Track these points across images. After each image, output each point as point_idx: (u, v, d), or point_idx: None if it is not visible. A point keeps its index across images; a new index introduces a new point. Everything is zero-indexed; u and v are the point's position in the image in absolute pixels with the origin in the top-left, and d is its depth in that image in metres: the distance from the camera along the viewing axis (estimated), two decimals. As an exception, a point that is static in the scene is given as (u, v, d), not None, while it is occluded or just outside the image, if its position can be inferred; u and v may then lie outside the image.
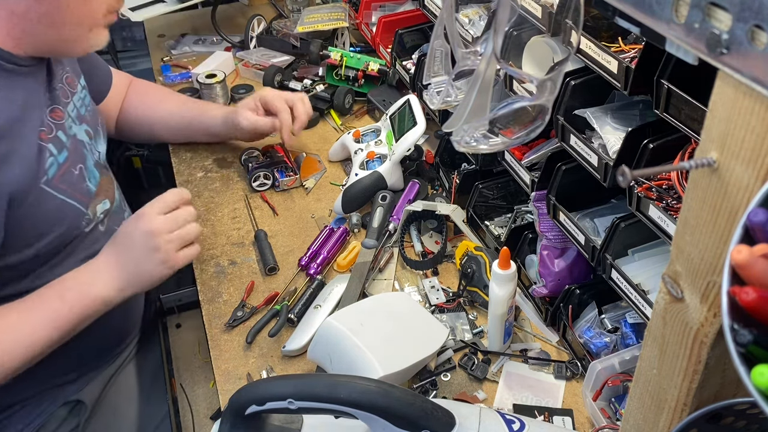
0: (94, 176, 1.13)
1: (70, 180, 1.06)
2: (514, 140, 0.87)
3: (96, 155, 1.17)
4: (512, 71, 0.90)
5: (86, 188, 1.10)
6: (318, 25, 1.70)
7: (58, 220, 1.04)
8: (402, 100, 1.39)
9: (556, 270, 1.05)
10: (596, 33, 0.82)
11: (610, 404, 0.95)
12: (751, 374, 0.38)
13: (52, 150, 1.03)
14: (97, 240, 1.12)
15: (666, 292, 0.52)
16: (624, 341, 0.97)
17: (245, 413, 0.75)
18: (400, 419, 0.70)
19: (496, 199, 1.26)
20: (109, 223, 1.16)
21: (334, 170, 1.47)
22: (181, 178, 1.45)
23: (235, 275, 1.22)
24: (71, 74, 1.16)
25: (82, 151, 1.11)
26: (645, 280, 0.87)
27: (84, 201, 1.08)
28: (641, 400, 0.59)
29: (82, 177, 1.09)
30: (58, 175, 1.03)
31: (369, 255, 1.19)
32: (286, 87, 1.67)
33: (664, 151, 0.79)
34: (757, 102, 0.40)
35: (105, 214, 1.15)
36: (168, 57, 1.87)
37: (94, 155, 1.16)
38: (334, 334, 0.94)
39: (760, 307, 0.38)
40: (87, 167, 1.11)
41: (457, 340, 1.08)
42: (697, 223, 0.47)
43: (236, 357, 1.07)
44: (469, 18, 1.11)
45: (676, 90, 0.71)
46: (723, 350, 0.49)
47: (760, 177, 0.41)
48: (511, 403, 0.99)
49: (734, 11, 0.39)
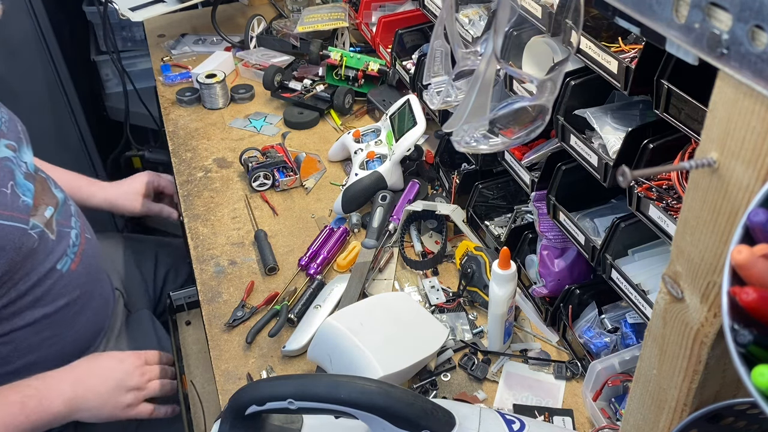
0: (28, 189, 1.11)
1: (4, 201, 1.04)
2: (514, 140, 0.86)
3: (23, 167, 1.14)
4: (512, 71, 0.90)
5: (23, 204, 1.08)
6: (318, 25, 1.70)
7: (1, 247, 1.01)
8: (402, 100, 1.39)
9: (556, 270, 1.05)
10: (596, 33, 0.82)
11: (610, 404, 0.95)
12: (751, 374, 0.38)
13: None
14: (52, 250, 1.11)
15: (666, 292, 0.52)
16: (624, 341, 0.97)
17: (245, 413, 0.75)
18: (400, 419, 0.70)
19: (496, 199, 1.26)
20: (58, 226, 1.15)
21: (334, 170, 1.47)
22: (181, 178, 1.45)
23: (235, 275, 1.22)
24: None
25: (9, 168, 1.09)
26: (645, 280, 0.87)
27: (23, 218, 1.06)
28: (641, 400, 0.59)
29: (15, 194, 1.07)
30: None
31: (369, 255, 1.19)
32: (287, 87, 1.67)
33: (664, 151, 0.79)
34: (757, 102, 0.40)
35: (51, 219, 1.13)
36: (168, 57, 1.87)
37: (22, 168, 1.13)
38: (334, 334, 0.94)
39: (760, 307, 0.38)
40: (17, 183, 1.09)
41: (457, 340, 1.08)
42: (698, 224, 0.47)
43: (236, 357, 1.07)
44: (469, 18, 1.11)
45: (676, 90, 0.71)
46: (723, 350, 0.49)
47: (761, 177, 0.41)
48: (511, 403, 0.99)
49: (734, 11, 0.39)
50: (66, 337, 1.17)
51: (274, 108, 1.67)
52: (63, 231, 1.16)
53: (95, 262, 1.25)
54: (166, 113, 1.67)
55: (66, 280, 1.14)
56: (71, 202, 1.26)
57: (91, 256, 1.24)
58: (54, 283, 1.12)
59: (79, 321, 1.18)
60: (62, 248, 1.14)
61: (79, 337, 1.20)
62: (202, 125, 1.62)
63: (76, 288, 1.17)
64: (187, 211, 1.36)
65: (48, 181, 1.21)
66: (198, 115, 1.66)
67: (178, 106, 1.68)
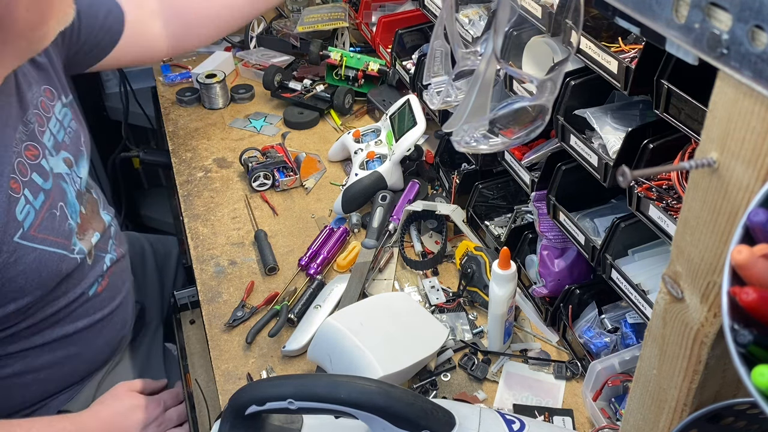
0: (75, 210, 1.06)
1: (51, 225, 0.98)
2: (514, 140, 0.86)
3: (78, 183, 1.09)
4: (512, 71, 0.90)
5: (68, 228, 1.02)
6: (318, 25, 1.70)
7: (38, 272, 0.96)
8: (402, 100, 1.39)
9: (556, 270, 1.05)
10: (596, 33, 0.82)
11: (610, 404, 0.95)
12: (751, 374, 0.38)
13: (28, 196, 0.94)
14: (86, 275, 1.08)
15: (666, 292, 0.52)
16: (624, 341, 0.97)
17: (245, 413, 0.75)
18: (400, 419, 0.70)
19: (496, 199, 1.26)
20: (96, 251, 1.11)
21: (334, 170, 1.47)
22: (181, 178, 1.45)
23: (235, 275, 1.22)
24: (44, 94, 1.05)
25: (61, 187, 1.03)
26: (645, 280, 0.87)
27: (65, 244, 1.01)
28: (641, 400, 0.59)
29: (64, 216, 1.02)
30: (36, 224, 0.95)
31: (369, 255, 1.19)
32: (287, 87, 1.67)
33: (664, 151, 0.79)
34: (757, 102, 0.40)
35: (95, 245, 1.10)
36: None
37: (76, 185, 1.08)
38: (334, 334, 0.94)
39: (760, 307, 0.38)
40: (68, 202, 1.03)
41: (457, 340, 1.08)
42: (698, 224, 0.47)
43: (236, 357, 1.07)
44: (469, 18, 1.11)
45: (676, 90, 0.71)
46: (723, 350, 0.49)
47: (761, 177, 0.41)
48: (511, 403, 0.99)
49: (734, 11, 0.39)
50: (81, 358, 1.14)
51: (274, 108, 1.67)
52: (99, 255, 1.12)
53: (120, 284, 1.20)
54: (166, 113, 1.67)
55: (91, 302, 1.11)
56: (113, 222, 1.20)
57: (118, 278, 1.19)
58: (78, 307, 1.09)
59: (96, 343, 1.15)
60: (95, 274, 1.10)
61: (94, 359, 1.17)
62: (202, 125, 1.62)
63: (98, 311, 1.13)
64: (187, 211, 1.36)
65: (98, 202, 1.16)
66: (198, 115, 1.66)
67: (178, 106, 1.68)
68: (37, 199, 0.97)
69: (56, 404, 1.14)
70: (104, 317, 1.15)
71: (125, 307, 1.23)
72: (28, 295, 0.97)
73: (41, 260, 0.96)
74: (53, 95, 1.09)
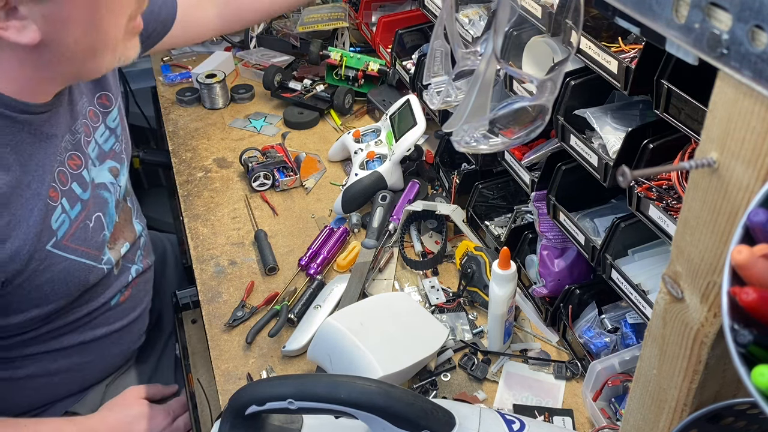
0: (112, 220, 1.06)
1: (84, 236, 0.98)
2: (514, 140, 0.86)
3: (119, 192, 1.09)
4: (512, 71, 0.90)
5: (101, 238, 1.02)
6: (318, 25, 1.70)
7: (65, 281, 0.96)
8: (402, 100, 1.39)
9: (556, 270, 1.05)
10: (596, 33, 0.82)
11: (610, 404, 0.95)
12: (751, 374, 0.38)
13: (65, 205, 0.95)
14: (111, 285, 1.07)
15: (666, 292, 0.52)
16: (624, 341, 0.97)
17: (245, 413, 0.75)
18: (400, 419, 0.70)
19: (496, 199, 1.26)
20: (124, 261, 1.10)
21: (334, 170, 1.47)
22: (181, 178, 1.45)
23: (235, 275, 1.22)
24: (97, 103, 1.07)
25: (102, 197, 1.03)
26: (645, 280, 0.87)
27: (95, 255, 1.01)
28: (641, 400, 0.59)
29: (100, 226, 1.02)
30: (69, 233, 0.95)
31: (369, 255, 1.19)
32: (287, 87, 1.67)
33: (664, 151, 0.79)
34: (757, 102, 0.40)
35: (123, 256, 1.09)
36: (168, 57, 1.87)
37: (117, 194, 1.08)
38: (334, 334, 0.94)
39: (760, 307, 0.38)
40: (107, 213, 1.03)
41: (457, 340, 1.08)
42: (697, 224, 0.47)
43: (236, 357, 1.07)
44: (469, 18, 1.11)
45: (676, 90, 0.71)
46: (723, 350, 0.49)
47: (761, 177, 0.41)
48: (511, 404, 0.99)
49: (734, 11, 0.39)
50: (95, 365, 1.14)
51: (274, 108, 1.67)
52: (125, 266, 1.11)
53: (143, 295, 1.20)
54: (166, 113, 1.67)
55: (112, 311, 1.11)
56: (144, 233, 1.20)
57: (141, 289, 1.18)
58: (99, 315, 1.09)
59: (111, 351, 1.15)
60: (120, 284, 1.10)
61: (107, 366, 1.17)
62: (202, 125, 1.62)
63: (118, 320, 1.13)
64: (187, 211, 1.36)
65: (132, 210, 1.15)
66: (198, 115, 1.66)
67: (178, 106, 1.68)
68: (73, 208, 0.97)
69: (63, 405, 1.14)
70: (123, 327, 1.15)
71: (143, 318, 1.22)
72: (52, 303, 0.97)
73: (69, 270, 0.96)
74: (111, 101, 1.09)
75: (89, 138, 1.04)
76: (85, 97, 1.05)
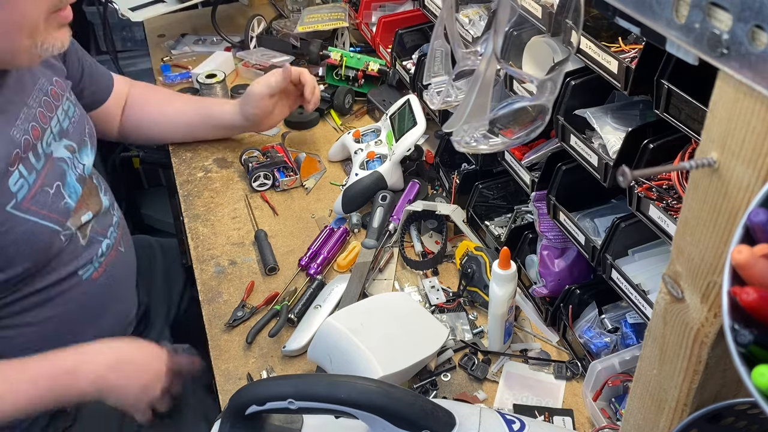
0: (75, 191, 1.09)
1: (45, 200, 1.01)
2: (514, 140, 0.87)
3: (80, 169, 1.12)
4: (512, 71, 0.90)
5: (63, 206, 1.05)
6: (318, 25, 1.70)
7: (29, 243, 0.98)
8: (402, 100, 1.39)
9: (556, 270, 1.05)
10: (596, 33, 0.82)
11: (610, 404, 0.95)
12: (751, 374, 0.38)
13: (22, 171, 0.98)
14: (79, 255, 1.09)
15: (666, 292, 0.52)
16: (624, 341, 0.97)
17: (245, 413, 0.75)
18: (400, 419, 0.70)
19: (496, 199, 1.26)
20: (92, 233, 1.12)
21: (334, 170, 1.47)
22: (181, 178, 1.45)
23: (235, 275, 1.22)
24: (57, 86, 1.11)
25: (60, 169, 1.07)
26: (645, 280, 0.87)
27: (60, 220, 1.04)
28: (641, 400, 0.59)
29: (59, 195, 1.05)
30: (29, 196, 0.98)
31: (369, 255, 1.19)
32: (286, 87, 1.67)
33: (664, 151, 0.79)
34: (757, 102, 0.40)
35: (86, 225, 1.11)
36: (168, 57, 1.87)
37: (77, 169, 1.11)
38: (334, 334, 0.94)
39: (760, 307, 0.38)
40: (66, 183, 1.07)
41: (457, 340, 1.08)
42: (698, 223, 0.47)
43: (236, 357, 1.07)
44: (469, 18, 1.11)
45: (676, 90, 0.71)
46: (723, 350, 0.49)
47: (761, 177, 0.41)
48: (512, 403, 0.99)
49: (734, 11, 0.39)
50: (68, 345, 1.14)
51: (274, 108, 1.67)
52: (96, 238, 1.12)
53: (121, 278, 1.20)
54: (166, 113, 1.67)
55: (84, 288, 1.11)
56: (116, 212, 1.22)
57: (118, 269, 1.19)
58: (70, 288, 1.09)
59: (86, 333, 1.13)
60: (89, 255, 1.11)
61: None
62: (202, 125, 1.61)
63: (93, 298, 1.13)
64: (187, 211, 1.36)
65: (99, 187, 1.18)
66: (198, 115, 1.65)
67: (178, 106, 1.68)
68: (30, 175, 1.00)
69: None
70: (98, 307, 1.15)
71: (126, 305, 1.22)
72: (18, 266, 0.99)
73: (33, 232, 0.99)
74: (63, 88, 1.14)
75: (52, 114, 1.08)
76: (48, 76, 1.09)
